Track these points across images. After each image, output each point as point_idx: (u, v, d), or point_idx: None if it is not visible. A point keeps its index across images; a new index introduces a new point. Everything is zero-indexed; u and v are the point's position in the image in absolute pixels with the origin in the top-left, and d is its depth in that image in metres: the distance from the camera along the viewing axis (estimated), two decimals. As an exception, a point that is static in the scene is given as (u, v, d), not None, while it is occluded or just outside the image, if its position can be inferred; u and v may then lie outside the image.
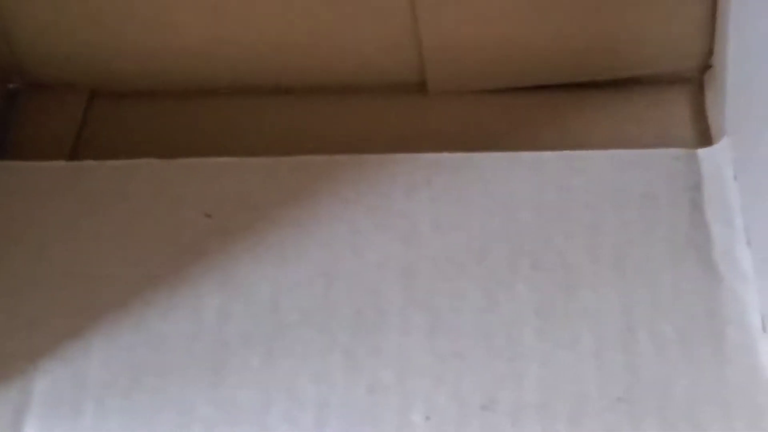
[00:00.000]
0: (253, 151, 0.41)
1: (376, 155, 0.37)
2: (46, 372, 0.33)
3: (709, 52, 0.40)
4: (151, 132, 0.42)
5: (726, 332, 0.32)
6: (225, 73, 0.42)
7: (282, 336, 0.33)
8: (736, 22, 0.35)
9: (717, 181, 0.35)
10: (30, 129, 0.42)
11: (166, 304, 0.34)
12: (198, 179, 0.37)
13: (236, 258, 0.35)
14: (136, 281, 0.35)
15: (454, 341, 0.33)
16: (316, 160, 0.37)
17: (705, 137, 0.39)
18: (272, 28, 0.41)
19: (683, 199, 0.35)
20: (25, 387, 0.33)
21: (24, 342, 0.34)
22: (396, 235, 0.35)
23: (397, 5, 0.40)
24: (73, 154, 0.41)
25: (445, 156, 0.37)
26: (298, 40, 0.42)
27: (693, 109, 0.40)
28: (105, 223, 0.36)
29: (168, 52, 0.42)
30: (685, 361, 0.32)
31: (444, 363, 0.33)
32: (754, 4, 0.34)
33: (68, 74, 0.43)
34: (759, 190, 0.33)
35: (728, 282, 0.33)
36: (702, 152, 0.36)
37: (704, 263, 0.34)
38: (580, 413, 0.31)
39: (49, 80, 0.43)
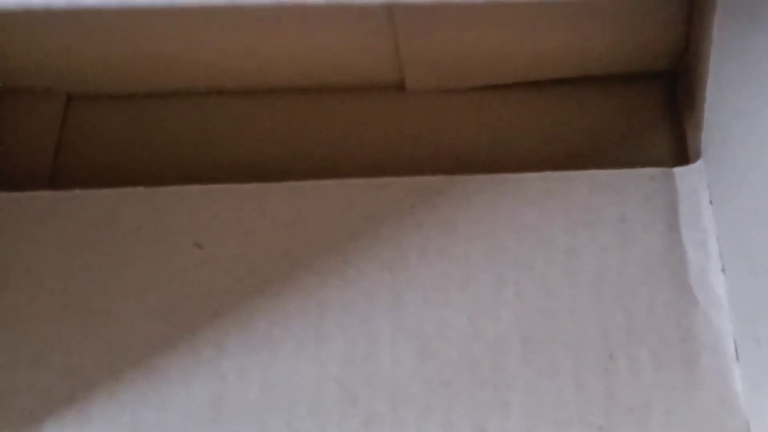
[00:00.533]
0: (232, 153, 0.42)
1: (360, 179, 0.38)
2: (52, 410, 0.35)
3: (683, 51, 0.41)
4: (131, 136, 0.42)
5: (700, 358, 0.34)
6: (202, 75, 0.43)
7: (278, 367, 0.35)
8: (717, 38, 0.36)
9: (692, 203, 0.37)
10: (9, 134, 0.42)
11: (164, 339, 0.35)
12: (186, 208, 0.37)
13: (229, 290, 0.36)
14: (133, 315, 0.36)
15: (442, 370, 0.35)
16: (303, 186, 0.38)
17: (677, 133, 0.41)
18: (249, 30, 0.41)
19: (659, 222, 0.36)
20: (33, 427, 0.34)
21: (28, 379, 0.35)
22: (384, 264, 0.36)
23: (373, 6, 0.41)
24: (56, 159, 0.42)
25: (429, 179, 0.38)
26: (275, 42, 0.42)
27: (666, 107, 0.42)
28: (96, 255, 0.37)
29: (144, 56, 0.42)
30: (660, 386, 0.34)
31: (434, 392, 0.34)
32: (737, 22, 0.34)
33: (44, 78, 0.43)
34: (733, 217, 0.35)
35: (703, 307, 0.35)
36: (678, 172, 0.37)
37: (680, 287, 0.35)
38: (563, 441, 0.33)
39: (24, 84, 0.43)
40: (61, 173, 0.41)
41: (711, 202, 0.36)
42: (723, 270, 0.35)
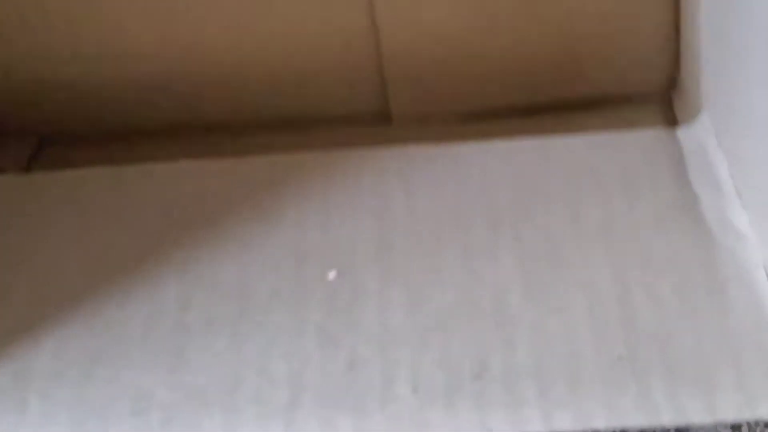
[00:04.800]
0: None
1: (343, 150, 0.35)
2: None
3: (676, 67, 0.40)
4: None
5: (727, 288, 0.30)
6: (182, 109, 0.41)
7: (249, 318, 0.31)
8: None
9: (700, 152, 0.34)
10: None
11: (123, 295, 0.31)
12: (154, 182, 0.35)
13: (198, 247, 0.33)
14: (91, 273, 0.32)
15: (436, 314, 0.31)
16: (280, 159, 0.35)
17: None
18: (233, 59, 0.40)
19: (667, 172, 0.34)
20: None
21: None
22: (369, 217, 0.33)
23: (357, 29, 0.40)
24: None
25: (416, 148, 0.35)
26: (259, 73, 0.41)
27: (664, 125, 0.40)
28: (61, 226, 0.34)
29: (119, 89, 0.41)
30: (685, 313, 0.30)
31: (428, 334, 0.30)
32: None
33: (17, 120, 0.41)
34: (747, 152, 0.32)
35: (723, 240, 0.31)
36: (682, 128, 0.35)
37: (696, 226, 0.32)
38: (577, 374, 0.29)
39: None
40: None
41: (719, 146, 0.34)
42: (744, 206, 0.32)
